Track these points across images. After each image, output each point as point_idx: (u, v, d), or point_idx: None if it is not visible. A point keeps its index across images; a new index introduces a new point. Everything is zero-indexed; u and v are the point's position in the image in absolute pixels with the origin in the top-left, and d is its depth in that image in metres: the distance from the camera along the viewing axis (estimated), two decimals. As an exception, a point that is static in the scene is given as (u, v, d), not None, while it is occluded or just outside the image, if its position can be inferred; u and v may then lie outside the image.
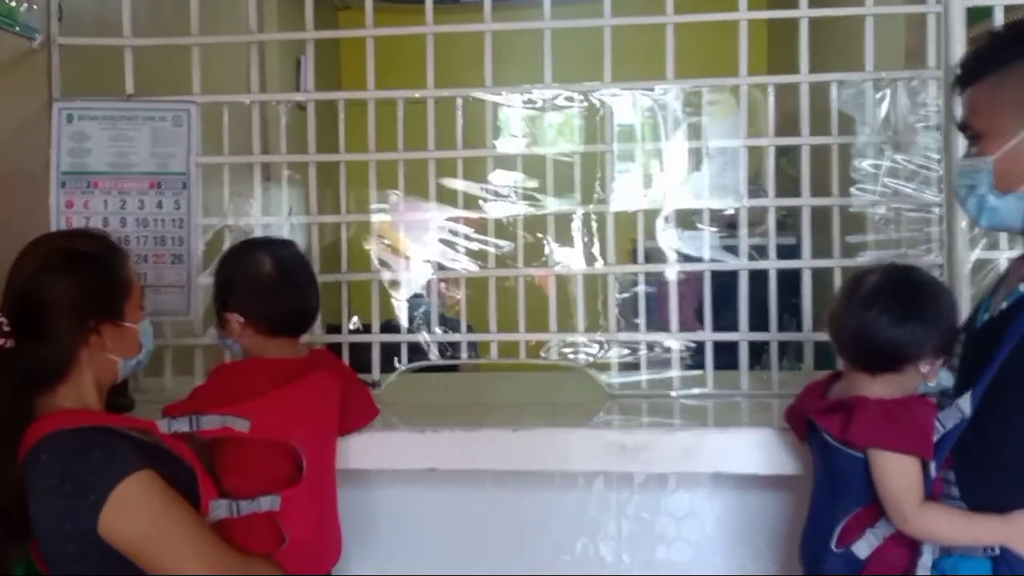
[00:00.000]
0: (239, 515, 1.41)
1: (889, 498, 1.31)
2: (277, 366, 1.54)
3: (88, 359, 1.36)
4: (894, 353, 1.33)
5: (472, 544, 1.87)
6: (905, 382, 1.35)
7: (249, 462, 1.47)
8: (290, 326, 1.57)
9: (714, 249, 1.98)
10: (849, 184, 1.96)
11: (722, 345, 1.96)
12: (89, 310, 1.35)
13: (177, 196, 1.97)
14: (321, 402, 1.53)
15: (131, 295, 1.41)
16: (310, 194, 1.99)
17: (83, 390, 1.37)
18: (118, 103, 1.97)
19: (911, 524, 1.30)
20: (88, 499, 1.25)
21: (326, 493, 1.54)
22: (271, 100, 2.03)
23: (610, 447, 1.71)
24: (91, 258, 1.38)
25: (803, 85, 1.95)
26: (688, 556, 1.85)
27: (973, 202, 1.30)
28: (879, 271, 1.38)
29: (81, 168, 1.96)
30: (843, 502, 1.37)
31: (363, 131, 1.98)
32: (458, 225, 1.96)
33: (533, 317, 1.98)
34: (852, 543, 1.35)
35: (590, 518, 1.87)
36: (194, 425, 1.44)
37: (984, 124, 1.28)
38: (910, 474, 1.30)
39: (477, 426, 1.74)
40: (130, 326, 1.40)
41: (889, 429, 1.31)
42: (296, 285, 1.57)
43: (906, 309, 1.32)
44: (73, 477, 1.26)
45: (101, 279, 1.38)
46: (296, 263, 1.59)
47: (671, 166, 1.97)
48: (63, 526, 1.26)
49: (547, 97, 1.96)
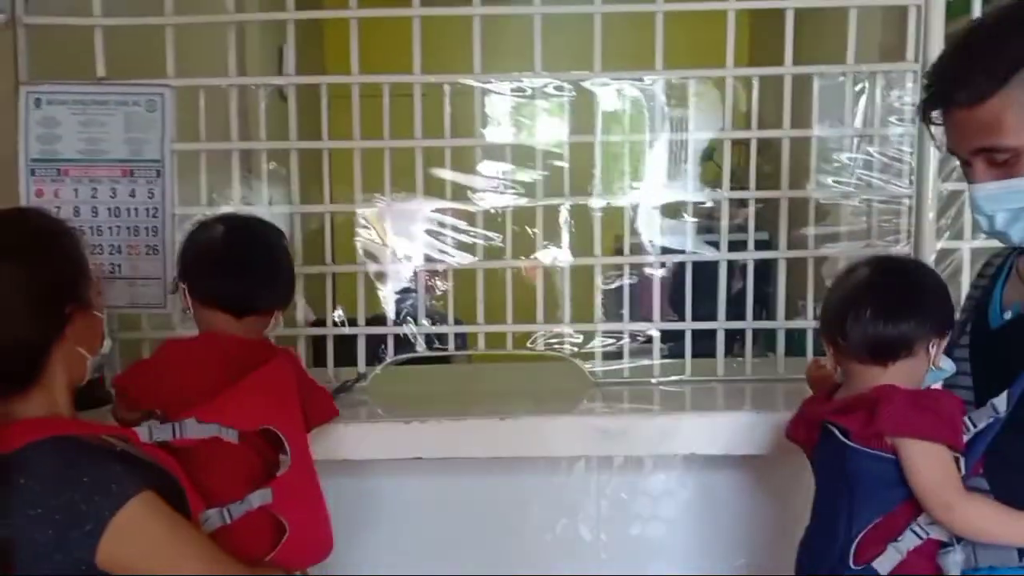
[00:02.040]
0: (232, 520, 1.37)
1: (928, 487, 1.22)
2: (230, 344, 1.49)
3: (61, 357, 1.22)
4: (904, 336, 1.29)
5: (456, 529, 1.91)
6: (917, 367, 1.31)
7: (222, 461, 1.42)
8: (227, 302, 1.50)
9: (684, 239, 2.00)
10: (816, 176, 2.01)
11: (694, 334, 2.01)
12: (65, 294, 1.22)
13: (151, 184, 1.90)
14: (292, 386, 1.49)
15: (92, 279, 1.28)
16: (292, 183, 1.94)
17: (55, 394, 1.23)
18: (89, 87, 1.87)
19: (956, 512, 1.21)
20: (83, 528, 1.15)
21: (313, 475, 1.51)
22: (250, 84, 1.96)
23: (593, 432, 1.76)
24: (58, 233, 1.25)
25: (787, 77, 1.97)
26: (662, 532, 1.93)
27: (1021, 225, 1.18)
28: (864, 265, 1.36)
29: (51, 155, 1.87)
30: (861, 512, 1.27)
31: (347, 125, 1.93)
32: (445, 217, 1.95)
33: (520, 309, 1.98)
34: (873, 559, 1.25)
35: (571, 500, 1.93)
36: (177, 433, 1.37)
37: (1018, 139, 1.13)
38: (947, 461, 1.23)
39: (463, 415, 1.76)
40: (96, 314, 1.28)
41: (920, 417, 1.24)
42: (240, 262, 1.50)
43: (905, 292, 1.31)
44: (64, 506, 1.14)
45: (70, 258, 1.25)
46: (250, 241, 1.52)
47: (655, 157, 1.99)
48: (52, 557, 1.15)
49: (536, 85, 1.94)
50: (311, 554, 1.50)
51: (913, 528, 1.26)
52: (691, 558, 1.92)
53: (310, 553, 1.50)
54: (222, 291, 1.50)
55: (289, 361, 1.53)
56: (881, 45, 2.32)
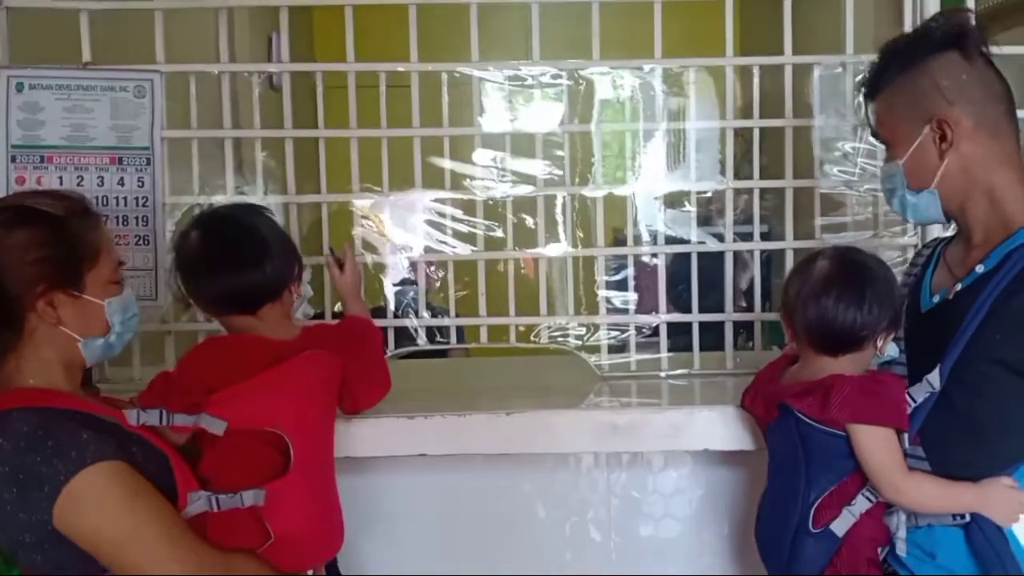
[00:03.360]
0: (219, 510, 1.31)
1: (878, 470, 1.34)
2: (255, 345, 1.44)
3: (45, 333, 1.26)
4: (855, 335, 1.37)
5: (463, 528, 1.85)
6: (864, 357, 1.41)
7: (231, 449, 1.37)
8: (231, 304, 1.45)
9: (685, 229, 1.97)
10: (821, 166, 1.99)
11: (685, 327, 1.97)
12: (35, 273, 1.23)
13: (140, 173, 1.83)
14: (307, 386, 1.43)
15: (96, 265, 1.29)
16: (288, 172, 1.88)
17: (47, 367, 1.27)
18: (74, 71, 1.80)
19: (903, 492, 1.34)
20: (42, 490, 1.17)
21: (320, 482, 1.45)
22: (242, 71, 1.90)
23: (601, 427, 1.70)
24: (46, 217, 1.26)
25: (787, 67, 1.96)
26: (676, 532, 1.87)
27: (896, 202, 1.44)
28: (826, 257, 1.42)
29: (33, 141, 1.79)
30: (817, 480, 1.39)
31: (341, 118, 1.89)
32: (444, 207, 1.90)
33: (522, 303, 1.93)
34: (830, 522, 1.37)
35: (580, 498, 1.87)
36: (164, 420, 1.33)
37: (888, 133, 1.42)
38: (893, 445, 1.34)
39: (468, 411, 1.70)
40: (91, 299, 1.28)
41: (868, 404, 1.34)
42: (224, 261, 1.43)
43: (860, 291, 1.37)
44: (27, 466, 1.18)
45: (53, 241, 1.25)
46: (226, 236, 1.46)
47: (654, 147, 1.96)
48: (17, 515, 1.18)
49: (534, 73, 1.91)
50: (300, 564, 1.43)
51: (864, 493, 1.38)
52: (703, 555, 1.86)
53: (300, 563, 1.43)
54: (221, 294, 1.45)
55: (313, 360, 1.45)
56: (875, 36, 2.34)
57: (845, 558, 1.38)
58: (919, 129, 1.36)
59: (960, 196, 1.38)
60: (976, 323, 1.30)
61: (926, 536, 1.36)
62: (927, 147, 1.37)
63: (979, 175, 1.36)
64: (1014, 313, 1.29)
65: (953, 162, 1.36)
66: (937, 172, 1.37)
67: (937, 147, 1.36)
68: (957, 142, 1.35)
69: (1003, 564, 1.32)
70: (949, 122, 1.34)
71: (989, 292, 1.31)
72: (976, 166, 1.36)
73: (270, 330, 1.47)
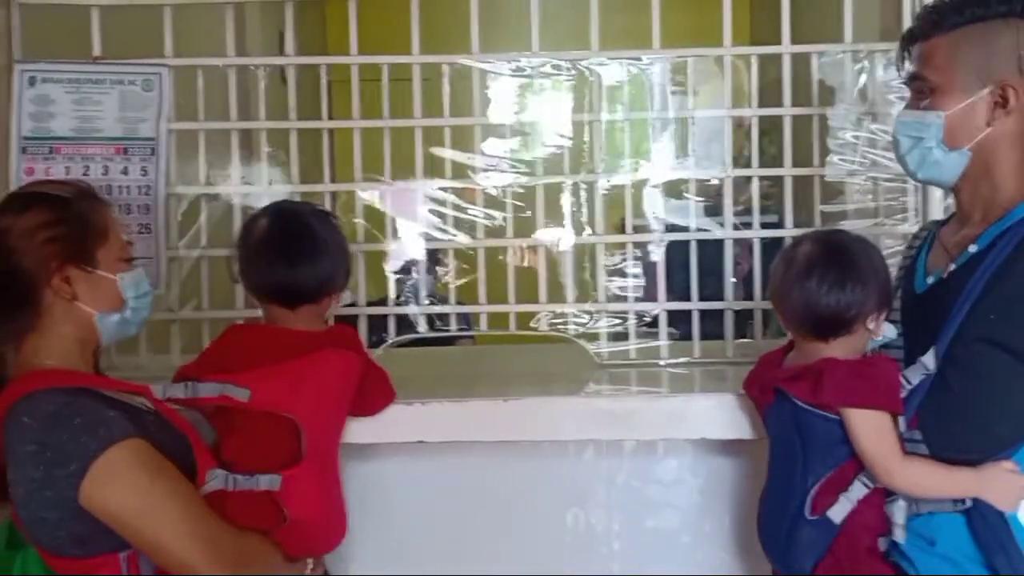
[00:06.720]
0: (235, 489, 1.36)
1: (871, 455, 1.32)
2: (282, 336, 1.49)
3: (62, 310, 1.30)
4: (841, 317, 1.36)
5: (462, 515, 1.85)
6: (856, 341, 1.38)
7: (252, 432, 1.41)
8: (275, 295, 1.50)
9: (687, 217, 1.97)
10: (827, 155, 1.99)
11: (682, 315, 1.97)
12: (48, 251, 1.28)
13: (145, 163, 1.86)
14: (328, 380, 1.47)
15: (106, 242, 1.34)
16: (292, 164, 1.91)
17: (65, 346, 1.31)
18: (84, 65, 1.85)
19: (897, 477, 1.31)
20: (69, 468, 1.20)
21: (330, 473, 1.49)
22: (249, 65, 1.94)
23: (600, 415, 1.70)
24: (54, 199, 1.32)
25: (785, 56, 1.97)
26: (677, 521, 1.86)
27: (917, 154, 1.36)
28: (809, 241, 1.41)
29: (44, 133, 1.84)
30: (815, 466, 1.37)
31: (346, 111, 1.92)
32: (447, 195, 1.92)
33: (523, 291, 1.94)
34: (827, 509, 1.35)
35: (580, 486, 1.86)
36: (191, 391, 1.38)
37: (941, 78, 1.32)
38: (887, 428, 1.32)
39: (467, 397, 1.71)
40: (104, 275, 1.33)
41: (860, 387, 1.33)
42: (282, 254, 1.48)
43: (843, 272, 1.35)
44: (54, 444, 1.21)
45: (63, 220, 1.30)
46: (292, 232, 1.50)
47: (657, 137, 1.97)
48: (43, 493, 1.22)
49: (535, 64, 1.93)
50: (310, 549, 1.48)
51: (860, 479, 1.35)
52: (703, 544, 1.85)
53: (310, 548, 1.48)
54: (268, 284, 1.49)
55: (337, 358, 1.49)
56: (881, 25, 2.34)
57: (843, 546, 1.36)
58: (978, 86, 1.30)
59: (982, 167, 1.33)
60: (970, 303, 1.29)
61: (926, 523, 1.33)
62: (978, 107, 1.30)
63: (1004, 151, 1.32)
64: (1008, 292, 1.27)
65: (996, 130, 1.30)
66: (978, 135, 1.31)
67: (990, 111, 1.30)
68: (1010, 114, 1.29)
69: (1005, 550, 1.28)
70: (1019, 92, 1.28)
71: (983, 272, 1.29)
72: (1005, 140, 1.32)
73: (302, 326, 1.51)
